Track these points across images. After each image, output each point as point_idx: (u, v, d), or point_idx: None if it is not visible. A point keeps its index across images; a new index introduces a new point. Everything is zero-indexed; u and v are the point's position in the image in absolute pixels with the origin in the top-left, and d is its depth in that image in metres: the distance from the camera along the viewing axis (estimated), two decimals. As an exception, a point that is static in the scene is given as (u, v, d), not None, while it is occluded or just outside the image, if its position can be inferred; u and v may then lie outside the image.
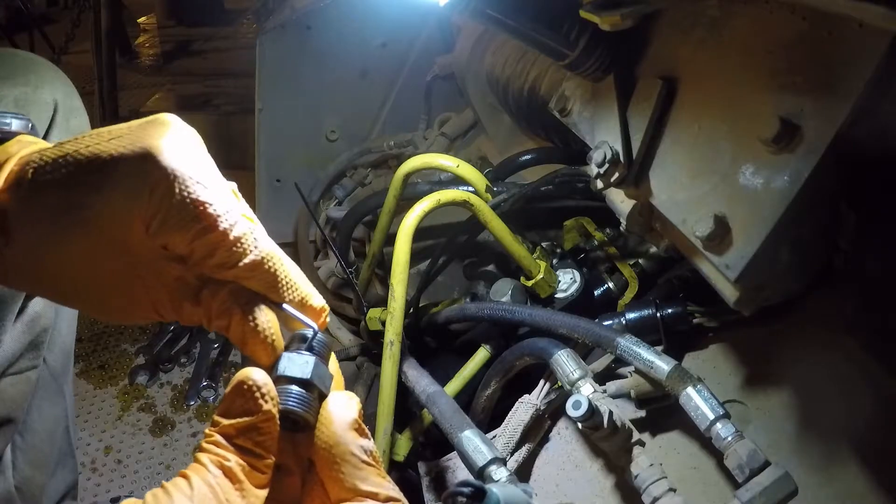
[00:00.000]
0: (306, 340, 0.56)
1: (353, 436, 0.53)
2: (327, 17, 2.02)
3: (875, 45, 0.70)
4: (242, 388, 0.50)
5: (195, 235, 0.51)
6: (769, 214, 0.82)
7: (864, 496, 0.87)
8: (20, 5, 4.52)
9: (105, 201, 0.50)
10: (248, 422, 0.49)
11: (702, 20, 0.95)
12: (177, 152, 0.51)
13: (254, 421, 0.50)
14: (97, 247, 0.52)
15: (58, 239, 0.52)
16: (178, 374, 2.15)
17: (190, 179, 0.51)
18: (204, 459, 0.49)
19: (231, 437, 0.49)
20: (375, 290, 1.69)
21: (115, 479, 1.81)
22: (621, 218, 1.12)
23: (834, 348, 0.99)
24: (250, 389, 0.50)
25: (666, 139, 1.00)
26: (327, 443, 0.52)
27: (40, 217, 0.51)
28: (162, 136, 0.51)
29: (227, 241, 0.52)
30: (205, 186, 0.51)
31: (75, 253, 0.52)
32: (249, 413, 0.50)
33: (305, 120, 2.05)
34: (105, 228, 0.51)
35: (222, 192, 0.53)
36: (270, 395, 0.50)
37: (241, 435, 0.49)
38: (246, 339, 0.55)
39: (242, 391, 0.50)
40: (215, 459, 0.49)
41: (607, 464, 1.05)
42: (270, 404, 0.50)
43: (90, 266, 0.53)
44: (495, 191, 1.39)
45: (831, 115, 0.75)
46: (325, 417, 0.53)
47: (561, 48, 1.04)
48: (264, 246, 0.54)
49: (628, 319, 1.12)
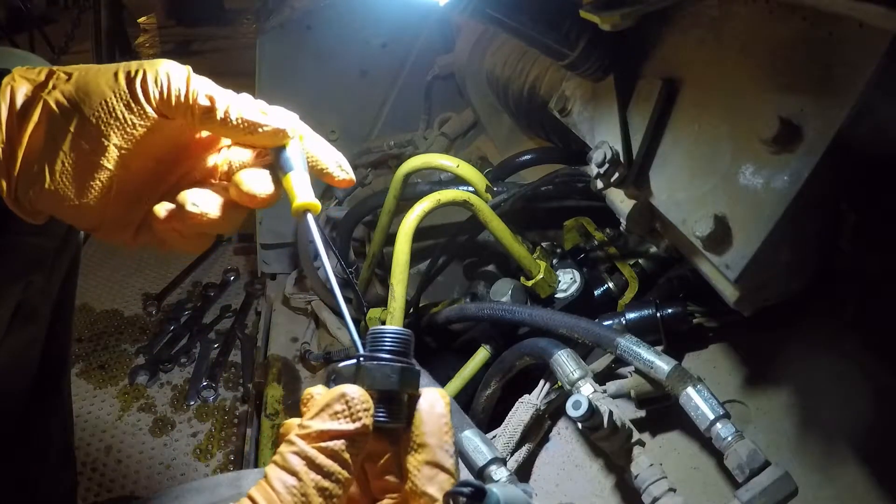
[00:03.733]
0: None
1: (443, 439, 0.53)
2: (327, 17, 2.02)
3: (875, 45, 0.70)
4: (341, 400, 0.50)
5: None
6: (769, 214, 0.82)
7: (864, 496, 0.87)
8: (20, 5, 4.52)
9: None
10: (343, 432, 0.49)
11: (702, 20, 0.95)
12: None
13: (351, 433, 0.49)
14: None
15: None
16: (178, 374, 2.15)
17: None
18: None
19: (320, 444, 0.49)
20: (375, 290, 1.70)
21: (115, 479, 1.81)
22: (621, 218, 1.12)
23: (834, 348, 0.99)
24: (349, 403, 0.49)
25: (666, 139, 1.00)
26: (417, 443, 0.52)
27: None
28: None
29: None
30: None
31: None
32: (344, 427, 0.49)
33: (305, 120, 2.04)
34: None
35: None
36: (367, 408, 0.50)
37: (332, 444, 0.49)
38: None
39: (340, 404, 0.49)
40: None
41: (607, 464, 1.05)
42: (367, 418, 0.50)
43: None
44: (495, 191, 1.39)
45: (831, 115, 0.75)
46: (418, 419, 0.53)
47: (561, 48, 1.04)
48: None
49: (628, 319, 1.12)
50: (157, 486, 1.77)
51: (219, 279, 2.57)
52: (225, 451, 1.85)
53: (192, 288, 2.55)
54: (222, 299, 2.48)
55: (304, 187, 0.63)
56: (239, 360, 2.18)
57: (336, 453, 0.48)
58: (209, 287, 2.51)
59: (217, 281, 2.56)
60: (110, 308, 2.46)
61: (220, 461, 1.83)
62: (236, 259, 2.70)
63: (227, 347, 2.22)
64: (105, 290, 2.56)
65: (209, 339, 2.26)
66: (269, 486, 0.47)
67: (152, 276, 2.63)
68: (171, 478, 1.78)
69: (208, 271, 2.65)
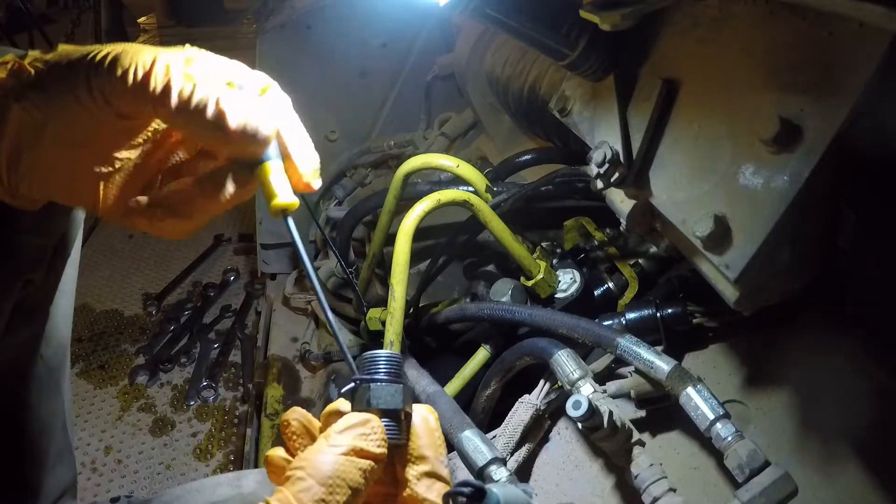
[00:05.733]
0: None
1: (439, 451, 0.57)
2: (327, 17, 2.03)
3: (875, 45, 0.70)
4: (368, 425, 0.53)
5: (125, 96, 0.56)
6: (769, 214, 0.82)
7: (864, 496, 0.87)
8: (20, 5, 4.52)
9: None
10: (370, 453, 0.52)
11: (702, 20, 0.95)
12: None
13: (377, 456, 0.52)
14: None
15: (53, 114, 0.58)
16: (178, 374, 2.15)
17: (127, 56, 0.55)
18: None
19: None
20: (375, 290, 1.70)
21: (115, 479, 1.81)
22: (621, 218, 1.12)
23: (834, 348, 0.99)
24: (374, 429, 0.53)
25: (666, 139, 1.00)
26: (415, 455, 0.56)
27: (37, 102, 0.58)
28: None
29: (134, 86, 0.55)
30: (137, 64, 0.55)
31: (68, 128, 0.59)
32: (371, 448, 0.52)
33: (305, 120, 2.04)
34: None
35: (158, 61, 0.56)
36: (385, 438, 0.54)
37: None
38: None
39: (368, 428, 0.53)
40: None
41: (607, 464, 1.05)
42: (385, 447, 0.53)
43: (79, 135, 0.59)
44: (495, 191, 1.39)
45: (831, 115, 0.75)
46: (415, 433, 0.57)
47: (561, 48, 1.04)
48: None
49: (628, 319, 1.12)
50: (157, 486, 1.77)
51: (219, 279, 2.57)
52: (225, 451, 1.85)
53: (192, 288, 2.56)
54: (222, 299, 2.48)
55: (283, 184, 0.58)
56: (239, 360, 2.18)
57: (363, 470, 0.51)
58: (209, 287, 2.51)
59: (217, 281, 2.56)
60: (110, 308, 2.46)
61: (220, 461, 1.83)
62: (236, 259, 2.70)
63: (227, 347, 2.22)
64: (105, 290, 2.56)
65: (209, 339, 2.26)
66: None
67: (152, 276, 2.64)
68: (171, 478, 1.78)
69: (208, 271, 2.65)
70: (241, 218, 2.92)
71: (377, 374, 0.56)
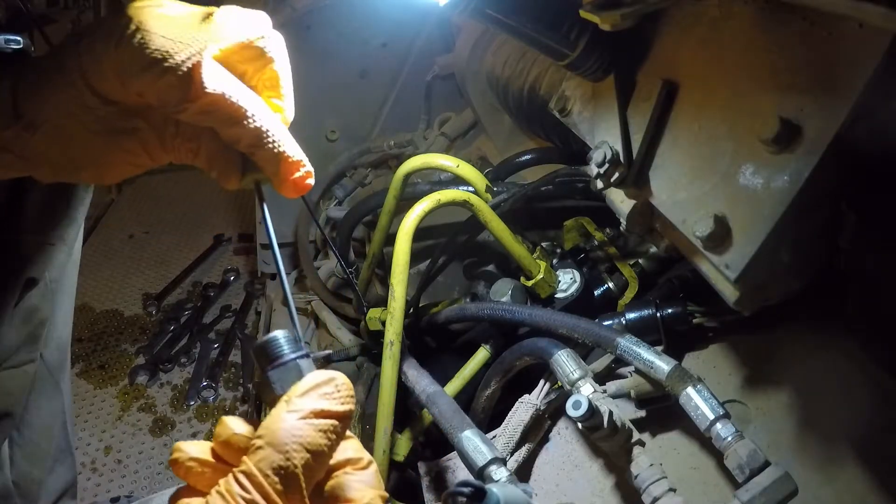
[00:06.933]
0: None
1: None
2: (327, 17, 2.02)
3: (875, 45, 0.70)
4: (331, 384, 0.54)
5: (151, 80, 0.54)
6: (769, 214, 0.82)
7: (864, 496, 0.87)
8: (20, 5, 4.52)
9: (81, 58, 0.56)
10: (334, 412, 0.52)
11: (702, 20, 0.95)
12: (142, 8, 0.55)
13: (341, 414, 0.53)
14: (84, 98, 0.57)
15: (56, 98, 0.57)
16: (178, 374, 2.15)
17: (147, 32, 0.54)
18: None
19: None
20: (375, 290, 1.69)
21: (115, 479, 1.81)
22: (621, 218, 1.12)
23: (834, 348, 0.99)
24: (338, 387, 0.54)
25: (666, 139, 1.00)
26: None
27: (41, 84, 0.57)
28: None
29: (174, 79, 0.54)
30: (161, 35, 0.54)
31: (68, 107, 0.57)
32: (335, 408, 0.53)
33: (305, 120, 2.04)
34: (89, 81, 0.56)
35: (183, 37, 0.55)
36: (352, 394, 0.56)
37: None
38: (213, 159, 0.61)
39: (330, 387, 0.54)
40: None
41: (607, 464, 1.05)
42: (351, 403, 0.55)
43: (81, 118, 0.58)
44: (495, 191, 1.39)
45: (831, 115, 0.75)
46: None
47: (561, 48, 1.04)
48: (225, 84, 0.57)
49: (628, 319, 1.12)
50: (157, 486, 1.77)
51: (219, 279, 2.57)
52: (225, 451, 1.85)
53: (192, 288, 2.56)
54: (222, 299, 2.48)
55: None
56: (239, 360, 2.19)
57: (325, 431, 0.50)
58: (209, 287, 2.51)
59: (217, 281, 2.56)
60: (110, 308, 2.46)
61: (219, 461, 1.82)
62: (236, 259, 2.70)
63: (227, 347, 2.22)
64: (105, 290, 2.56)
65: (209, 339, 2.26)
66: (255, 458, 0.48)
67: (152, 276, 2.64)
68: (171, 478, 1.78)
69: (208, 271, 2.65)
70: (241, 218, 2.92)
71: (274, 361, 0.57)
